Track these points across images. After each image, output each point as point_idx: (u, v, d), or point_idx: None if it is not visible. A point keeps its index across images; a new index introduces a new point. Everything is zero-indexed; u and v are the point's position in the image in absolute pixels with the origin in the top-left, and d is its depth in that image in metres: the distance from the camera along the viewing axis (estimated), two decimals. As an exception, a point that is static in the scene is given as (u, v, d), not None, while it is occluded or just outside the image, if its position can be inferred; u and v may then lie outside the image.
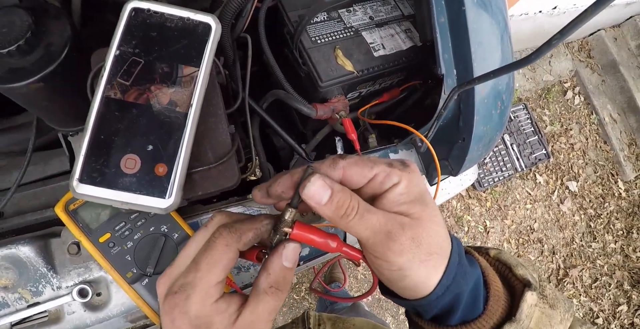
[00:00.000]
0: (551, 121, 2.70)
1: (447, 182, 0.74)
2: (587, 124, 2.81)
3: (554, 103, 2.76)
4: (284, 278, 0.33)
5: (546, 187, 2.56)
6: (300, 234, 0.34)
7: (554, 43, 0.36)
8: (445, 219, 2.30)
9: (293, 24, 0.65)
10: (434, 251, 0.32)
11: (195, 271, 0.32)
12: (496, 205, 2.41)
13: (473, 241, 2.31)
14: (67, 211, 0.51)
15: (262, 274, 0.33)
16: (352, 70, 0.64)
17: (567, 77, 2.85)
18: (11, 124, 0.58)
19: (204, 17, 0.39)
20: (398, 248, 0.31)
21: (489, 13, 0.59)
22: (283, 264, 0.33)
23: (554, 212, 2.55)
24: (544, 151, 2.52)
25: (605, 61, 2.93)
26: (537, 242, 2.46)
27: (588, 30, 2.91)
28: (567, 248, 2.52)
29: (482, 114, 0.57)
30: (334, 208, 0.31)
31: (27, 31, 0.38)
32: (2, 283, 0.54)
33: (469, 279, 0.34)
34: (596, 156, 2.76)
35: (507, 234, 2.40)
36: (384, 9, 0.73)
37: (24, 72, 0.39)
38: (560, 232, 2.53)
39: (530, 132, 2.52)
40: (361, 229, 0.31)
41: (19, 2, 0.46)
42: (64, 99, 0.44)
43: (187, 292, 0.31)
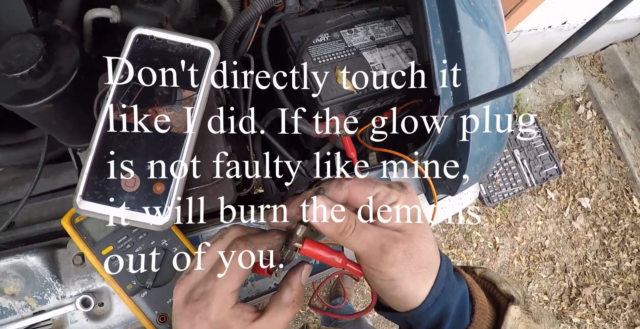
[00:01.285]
0: (563, 136, 2.67)
1: (447, 200, 0.74)
2: (600, 139, 2.77)
3: (566, 118, 2.73)
4: (302, 293, 0.38)
5: (558, 203, 2.52)
6: (309, 249, 0.37)
7: (539, 70, 0.37)
8: (453, 235, 2.27)
9: (295, 45, 0.67)
10: (423, 265, 0.35)
11: (215, 279, 0.35)
12: (506, 221, 2.38)
13: (482, 258, 2.28)
14: (73, 224, 0.54)
15: (285, 289, 0.37)
16: (352, 90, 0.66)
17: (578, 92, 2.82)
18: (24, 139, 0.61)
19: (203, 43, 0.41)
20: (391, 259, 0.34)
21: (486, 34, 0.60)
22: (301, 282, 0.38)
23: (565, 229, 2.50)
24: (556, 166, 2.48)
25: (618, 75, 2.90)
26: (549, 260, 2.41)
27: (600, 44, 2.89)
28: (580, 266, 2.46)
29: (478, 135, 0.58)
30: (333, 227, 0.34)
31: (39, 56, 0.41)
32: (9, 291, 0.56)
33: (456, 293, 0.37)
34: (609, 172, 2.71)
35: (517, 251, 2.35)
36: (386, 30, 0.75)
37: (36, 94, 0.42)
38: (572, 249, 2.48)
39: (541, 148, 2.49)
40: (357, 244, 0.35)
41: (33, 27, 0.49)
42: (72, 118, 0.47)
43: (208, 299, 0.34)
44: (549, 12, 1.94)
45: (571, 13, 2.12)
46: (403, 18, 0.77)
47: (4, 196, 0.67)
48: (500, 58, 0.63)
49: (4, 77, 0.41)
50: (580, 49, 2.80)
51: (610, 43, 2.91)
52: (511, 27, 1.92)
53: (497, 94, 0.41)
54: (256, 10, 0.52)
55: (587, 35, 0.33)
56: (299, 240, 0.36)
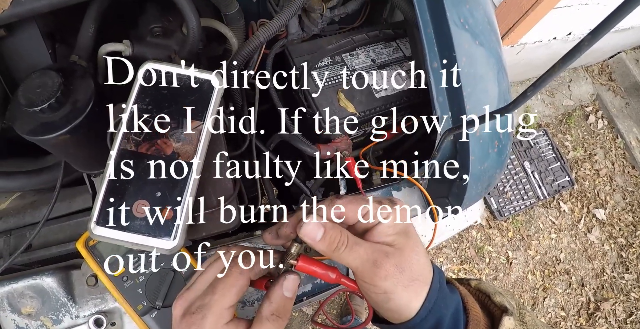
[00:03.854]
0: (574, 146, 2.65)
1: (452, 218, 0.75)
2: (613, 148, 2.73)
3: (576, 128, 2.71)
4: (284, 306, 0.37)
5: (571, 215, 2.47)
6: (304, 266, 0.39)
7: (528, 95, 0.39)
8: (465, 250, 2.24)
9: (299, 69, 0.70)
10: (415, 277, 0.37)
11: (212, 294, 0.36)
12: (518, 235, 2.34)
13: (495, 273, 2.24)
14: (87, 247, 0.56)
15: (265, 302, 0.37)
16: (353, 112, 0.68)
17: (588, 102, 2.80)
18: (42, 165, 0.64)
19: (208, 75, 0.44)
20: (383, 273, 0.35)
21: (483, 55, 0.62)
22: (284, 294, 0.37)
23: (581, 241, 2.45)
24: (568, 177, 2.45)
25: (628, 84, 2.88)
26: (565, 274, 2.35)
27: (608, 53, 2.88)
28: (598, 280, 2.40)
29: (477, 154, 0.59)
30: (327, 244, 0.36)
31: (58, 91, 0.44)
32: (26, 311, 0.58)
33: (449, 305, 0.38)
34: (624, 182, 2.66)
35: (531, 265, 2.31)
36: (387, 51, 0.77)
37: (53, 126, 0.45)
38: (589, 262, 2.42)
39: (552, 159, 2.47)
40: (351, 259, 0.36)
41: (52, 63, 0.53)
42: (87, 147, 0.49)
43: (204, 312, 0.35)
44: (553, 24, 1.95)
45: (575, 24, 2.13)
46: (404, 40, 0.79)
47: (22, 219, 0.70)
48: (499, 77, 0.65)
49: (25, 111, 0.44)
50: (587, 58, 2.79)
51: (618, 51, 2.89)
52: (515, 40, 1.93)
53: (490, 117, 0.43)
54: (259, 40, 0.55)
55: (571, 61, 0.35)
56: (294, 257, 0.38)
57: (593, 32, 0.32)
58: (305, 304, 0.64)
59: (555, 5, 1.75)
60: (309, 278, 0.63)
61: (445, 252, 2.21)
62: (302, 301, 0.62)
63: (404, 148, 0.85)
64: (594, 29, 0.31)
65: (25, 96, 0.44)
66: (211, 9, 0.64)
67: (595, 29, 0.31)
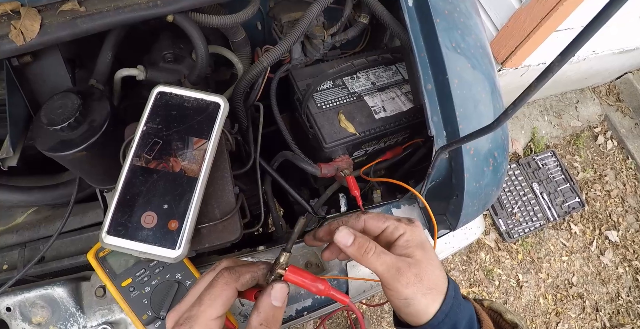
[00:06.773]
0: (583, 167, 2.63)
1: (451, 236, 0.76)
2: (623, 169, 2.71)
3: (585, 149, 2.70)
4: (273, 316, 0.39)
5: (583, 237, 2.43)
6: (292, 276, 0.40)
7: (509, 113, 0.42)
8: (473, 273, 2.21)
9: (301, 92, 0.74)
10: (432, 286, 0.41)
11: (199, 305, 0.38)
12: (529, 257, 2.30)
13: (505, 296, 2.19)
14: (97, 258, 0.59)
15: (253, 313, 0.39)
16: (354, 132, 0.71)
17: (596, 122, 2.80)
18: (58, 181, 0.68)
19: (215, 98, 0.48)
20: (405, 281, 0.41)
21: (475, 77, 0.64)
22: (272, 303, 0.39)
23: (594, 264, 2.39)
24: (578, 199, 2.43)
25: (636, 104, 2.87)
26: (578, 298, 2.29)
27: (614, 74, 2.89)
28: (613, 304, 2.33)
29: (472, 172, 0.61)
30: (356, 248, 0.42)
31: (77, 111, 0.48)
32: (37, 320, 0.60)
33: (464, 311, 0.42)
34: (637, 203, 2.62)
35: (542, 289, 2.26)
36: (386, 75, 0.81)
37: (71, 143, 0.48)
38: (603, 286, 2.36)
39: (561, 180, 2.45)
40: (378, 264, 0.42)
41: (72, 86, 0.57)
42: (102, 163, 0.53)
43: (191, 324, 0.37)
44: (556, 46, 1.99)
45: (579, 47, 2.17)
46: (402, 63, 0.83)
47: (36, 233, 0.73)
48: (492, 97, 0.67)
49: (46, 129, 0.48)
50: (594, 79, 2.81)
51: (625, 72, 2.91)
52: (519, 63, 1.97)
53: (476, 135, 0.46)
54: (263, 65, 0.59)
55: (545, 81, 0.38)
56: (283, 267, 0.40)
57: (562, 54, 0.35)
58: (306, 319, 0.65)
59: (557, 28, 1.80)
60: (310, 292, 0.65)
61: (453, 274, 2.18)
62: (302, 316, 0.63)
63: (405, 168, 0.87)
64: (562, 51, 0.34)
65: (47, 115, 0.48)
66: (220, 37, 0.69)
67: (564, 50, 0.34)
